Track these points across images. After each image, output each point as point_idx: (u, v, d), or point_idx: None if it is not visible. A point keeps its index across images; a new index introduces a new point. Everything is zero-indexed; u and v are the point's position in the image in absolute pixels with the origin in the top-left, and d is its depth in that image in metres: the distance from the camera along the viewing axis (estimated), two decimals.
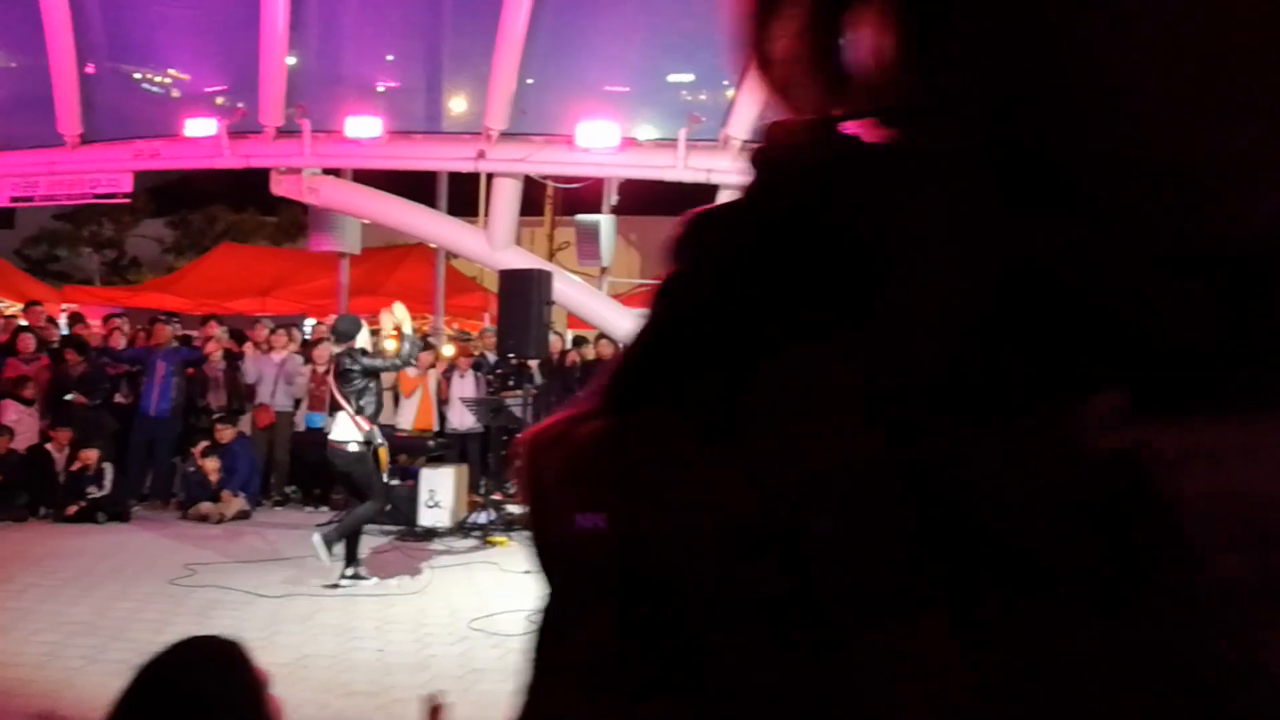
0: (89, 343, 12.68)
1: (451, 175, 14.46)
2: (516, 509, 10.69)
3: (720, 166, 11.30)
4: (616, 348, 12.81)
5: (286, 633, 6.57)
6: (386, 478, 11.04)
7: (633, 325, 0.52)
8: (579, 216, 14.28)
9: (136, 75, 12.96)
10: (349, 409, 8.10)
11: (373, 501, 8.16)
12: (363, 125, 11.84)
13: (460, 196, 16.43)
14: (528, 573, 8.43)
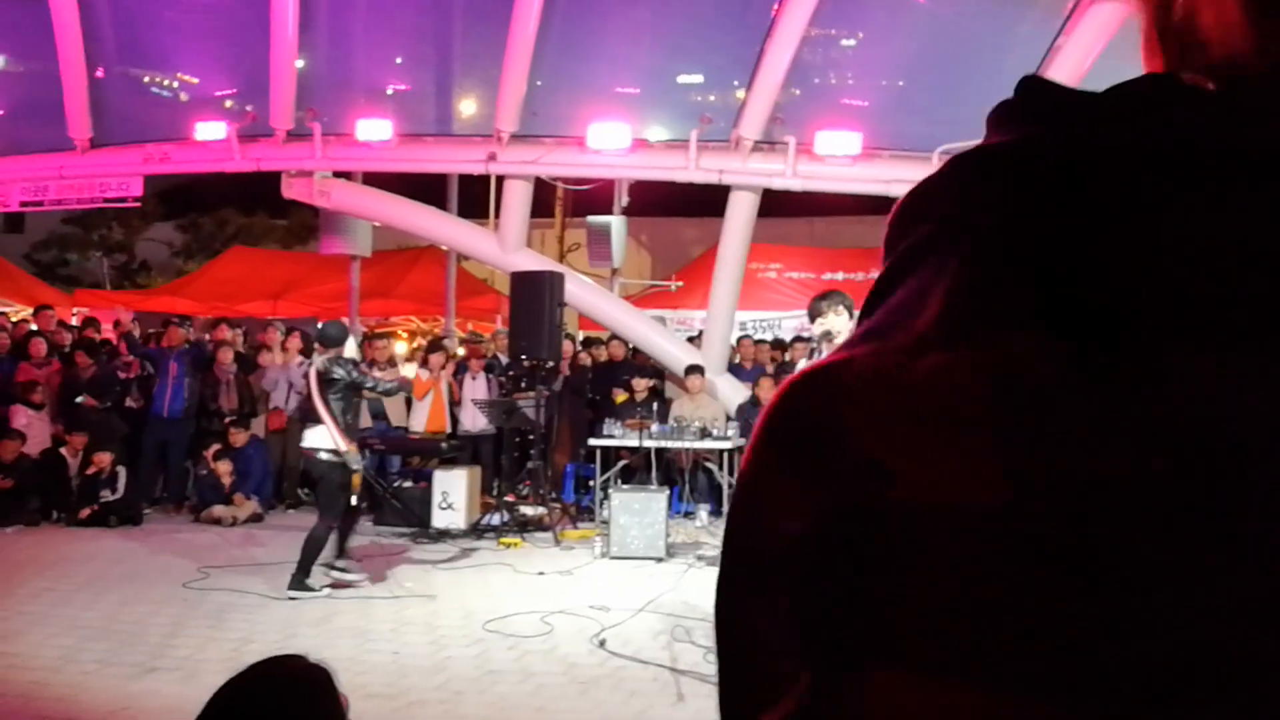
0: (100, 344, 12.68)
1: (462, 178, 14.48)
2: (529, 510, 10.68)
3: (732, 167, 11.28)
4: (627, 347, 12.80)
5: (302, 636, 6.54)
6: (395, 481, 11.08)
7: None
8: (590, 218, 14.29)
9: (146, 79, 12.98)
10: (327, 418, 7.71)
11: (322, 521, 7.82)
12: (373, 128, 11.86)
13: (471, 199, 16.45)
14: (541, 574, 8.46)
